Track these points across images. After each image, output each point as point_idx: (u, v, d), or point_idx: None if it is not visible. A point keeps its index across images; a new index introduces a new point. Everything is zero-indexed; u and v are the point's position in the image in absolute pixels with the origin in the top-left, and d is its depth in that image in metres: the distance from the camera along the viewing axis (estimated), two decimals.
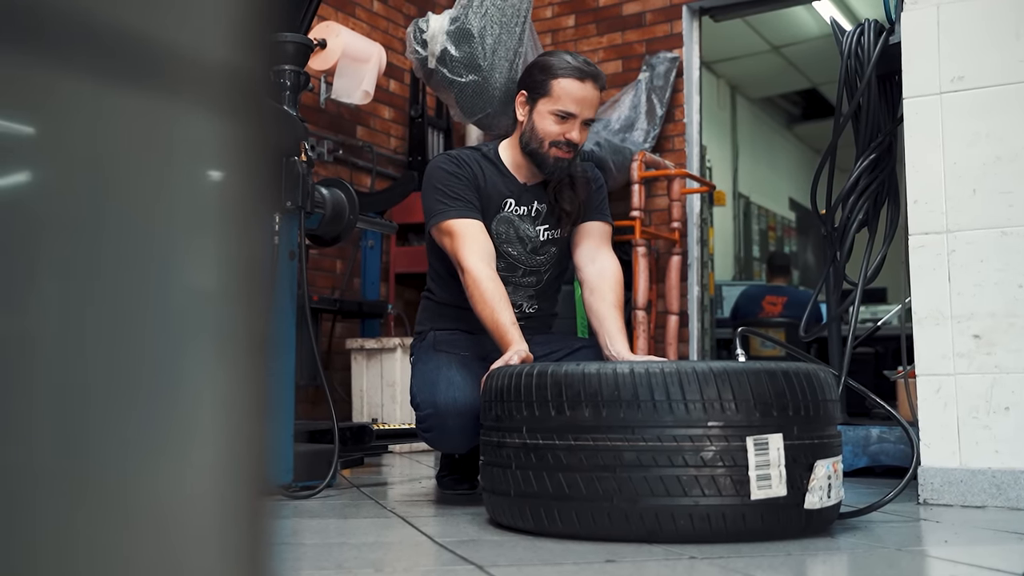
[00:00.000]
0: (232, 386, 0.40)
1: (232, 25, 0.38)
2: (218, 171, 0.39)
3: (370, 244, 5.31)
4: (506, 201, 2.75)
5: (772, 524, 1.90)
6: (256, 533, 0.41)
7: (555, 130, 2.65)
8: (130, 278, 0.37)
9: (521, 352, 2.35)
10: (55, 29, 0.34)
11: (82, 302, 0.36)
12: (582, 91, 2.64)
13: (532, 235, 2.77)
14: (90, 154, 0.36)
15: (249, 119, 0.39)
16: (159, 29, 0.37)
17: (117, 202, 0.37)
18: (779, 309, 6.46)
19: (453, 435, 2.52)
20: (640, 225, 5.11)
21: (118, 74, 0.36)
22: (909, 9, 2.77)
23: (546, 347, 2.75)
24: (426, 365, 2.68)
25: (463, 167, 2.70)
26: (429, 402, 2.54)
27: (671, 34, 5.87)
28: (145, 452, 0.38)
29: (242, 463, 0.40)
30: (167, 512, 0.38)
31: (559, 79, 2.65)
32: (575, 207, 2.77)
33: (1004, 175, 2.60)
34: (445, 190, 2.65)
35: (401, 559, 1.88)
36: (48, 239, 0.36)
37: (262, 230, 0.41)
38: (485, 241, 2.60)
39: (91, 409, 0.36)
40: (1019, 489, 2.47)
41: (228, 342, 0.40)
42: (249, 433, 0.40)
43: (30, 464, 0.35)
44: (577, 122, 2.65)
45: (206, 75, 0.38)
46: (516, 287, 2.78)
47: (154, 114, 0.37)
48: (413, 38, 4.38)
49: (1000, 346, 2.55)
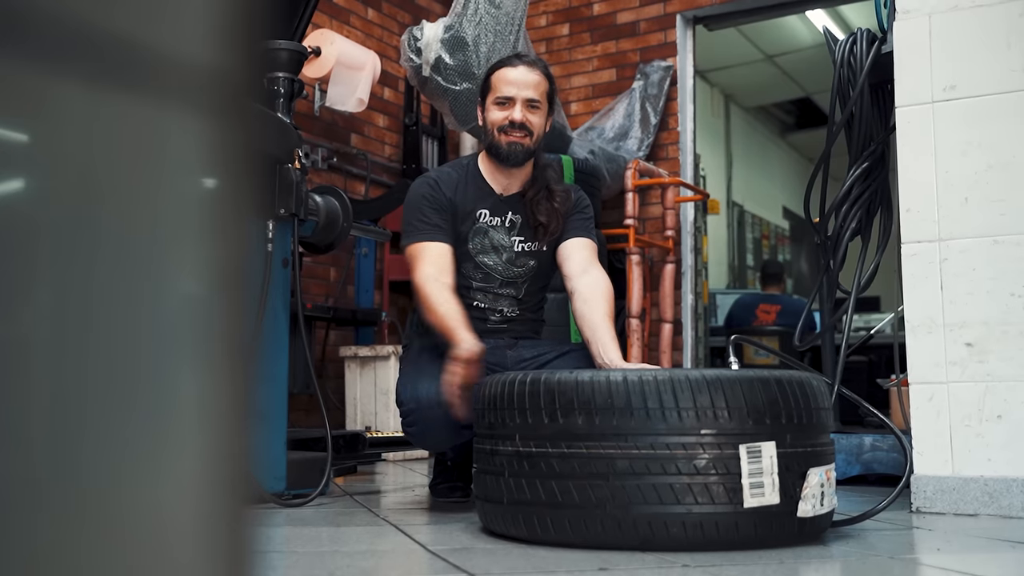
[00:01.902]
0: (215, 393, 0.40)
1: (221, 30, 0.38)
2: (205, 176, 0.39)
3: (364, 252, 5.31)
4: (480, 212, 2.80)
5: (765, 532, 1.90)
6: (239, 541, 0.41)
7: (499, 116, 2.75)
8: (114, 284, 0.37)
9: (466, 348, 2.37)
10: (43, 34, 0.34)
11: (67, 308, 0.36)
12: (515, 74, 2.76)
13: (507, 244, 2.81)
14: (78, 159, 0.36)
15: (237, 124, 0.39)
16: (147, 34, 0.37)
17: (104, 206, 0.37)
18: (773, 317, 6.47)
19: (436, 428, 2.53)
20: (634, 233, 5.11)
21: (106, 79, 0.36)
22: (901, 19, 2.78)
23: (534, 350, 2.77)
24: (410, 366, 2.72)
25: (437, 190, 2.77)
26: (411, 397, 2.56)
27: (665, 43, 5.89)
28: (127, 460, 0.38)
29: (224, 471, 0.40)
30: (149, 520, 0.38)
31: (495, 72, 2.80)
32: (552, 219, 2.80)
33: (996, 184, 2.61)
34: (417, 212, 2.74)
35: (394, 567, 1.88)
36: (35, 244, 0.35)
37: (248, 235, 0.41)
38: (440, 260, 2.67)
39: (73, 416, 0.36)
40: (1011, 497, 2.47)
41: (211, 348, 0.40)
42: (232, 441, 0.40)
43: (10, 471, 0.35)
44: (517, 103, 2.74)
45: (194, 80, 0.38)
46: (496, 297, 2.81)
47: (142, 119, 0.37)
48: (407, 46, 4.39)
49: (992, 354, 2.56)
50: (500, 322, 2.80)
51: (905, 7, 2.77)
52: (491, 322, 2.78)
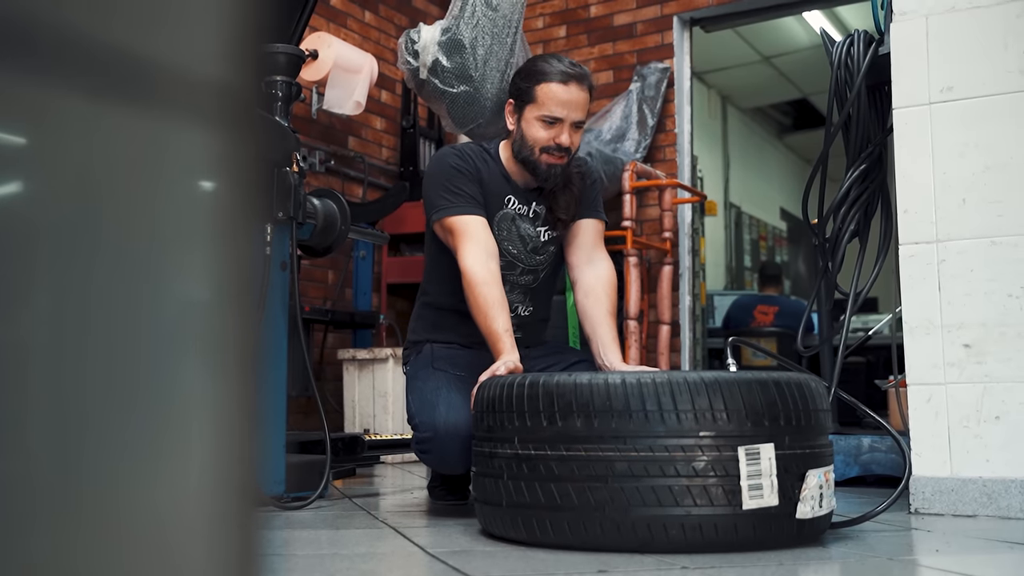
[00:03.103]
0: (221, 396, 0.40)
1: (222, 40, 0.39)
2: (209, 184, 0.39)
3: (362, 255, 5.31)
4: (508, 198, 2.72)
5: (764, 534, 1.90)
6: (246, 544, 0.41)
7: (544, 136, 2.62)
8: (120, 290, 0.37)
9: (510, 363, 2.34)
10: (48, 46, 0.34)
11: (73, 313, 0.36)
12: (567, 94, 2.61)
13: (532, 235, 2.75)
14: (82, 168, 0.36)
15: (240, 132, 0.39)
16: (150, 45, 0.37)
17: (108, 215, 0.37)
18: (771, 319, 6.47)
19: (453, 458, 2.48)
20: (631, 235, 5.12)
21: (110, 89, 0.36)
22: (898, 20, 2.78)
23: (542, 361, 2.74)
24: (425, 384, 2.63)
25: (467, 161, 2.67)
26: (429, 424, 2.49)
27: (662, 44, 5.89)
28: (134, 463, 0.38)
29: (232, 474, 0.40)
30: (156, 523, 0.38)
31: (542, 84, 2.62)
32: (570, 213, 2.75)
33: (994, 185, 2.61)
34: (449, 184, 2.61)
35: (393, 570, 1.88)
36: (40, 252, 0.36)
37: (252, 242, 0.41)
38: (487, 239, 2.56)
39: (80, 419, 0.36)
40: (1010, 498, 2.48)
41: (217, 353, 0.40)
42: (239, 444, 0.40)
43: (14, 475, 0.35)
44: (565, 126, 2.62)
45: (197, 89, 0.38)
46: (513, 285, 2.74)
47: (145, 128, 0.37)
48: (404, 49, 4.39)
49: (990, 355, 2.56)
50: (515, 327, 2.63)
51: (902, 8, 2.77)
52: None
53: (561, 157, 2.65)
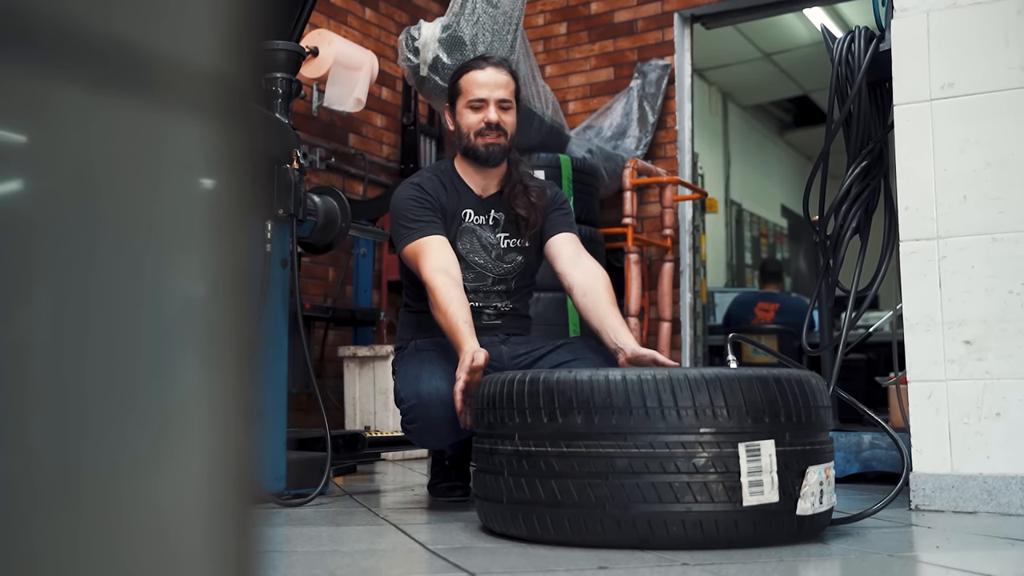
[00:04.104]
0: (219, 393, 0.40)
1: (221, 33, 0.38)
2: (207, 178, 0.39)
3: (362, 252, 5.31)
4: (465, 212, 2.84)
5: (764, 530, 1.90)
6: (244, 540, 0.41)
7: (475, 119, 2.80)
8: (118, 285, 0.37)
9: (478, 355, 2.36)
10: (45, 38, 0.34)
11: (70, 309, 0.36)
12: (485, 76, 2.80)
13: (493, 242, 2.85)
14: (80, 161, 0.36)
15: (238, 126, 0.39)
16: (148, 37, 0.37)
17: (106, 209, 0.37)
18: (771, 316, 6.47)
19: (437, 425, 2.52)
20: (632, 232, 5.12)
21: (108, 82, 0.36)
22: (899, 16, 2.78)
23: (527, 346, 2.79)
24: (408, 363, 2.72)
25: (422, 191, 2.79)
26: (412, 393, 2.56)
27: (663, 41, 5.89)
28: (132, 459, 0.38)
29: (230, 470, 0.40)
30: (155, 519, 0.38)
31: (463, 76, 2.83)
32: (531, 213, 2.84)
33: (994, 181, 2.61)
34: (408, 214, 2.74)
35: (394, 566, 1.88)
36: (37, 246, 0.36)
37: (251, 237, 0.41)
38: (445, 252, 2.67)
39: (77, 416, 0.36)
40: (1010, 495, 2.48)
41: (215, 349, 0.40)
42: (237, 440, 0.40)
43: (16, 472, 0.35)
44: (490, 104, 2.78)
45: (195, 82, 0.38)
46: (488, 295, 2.84)
47: (144, 121, 0.37)
48: (405, 46, 4.39)
49: (991, 352, 2.56)
50: (494, 317, 2.83)
51: (903, 5, 2.77)
52: (485, 319, 2.79)
53: (497, 137, 2.79)
